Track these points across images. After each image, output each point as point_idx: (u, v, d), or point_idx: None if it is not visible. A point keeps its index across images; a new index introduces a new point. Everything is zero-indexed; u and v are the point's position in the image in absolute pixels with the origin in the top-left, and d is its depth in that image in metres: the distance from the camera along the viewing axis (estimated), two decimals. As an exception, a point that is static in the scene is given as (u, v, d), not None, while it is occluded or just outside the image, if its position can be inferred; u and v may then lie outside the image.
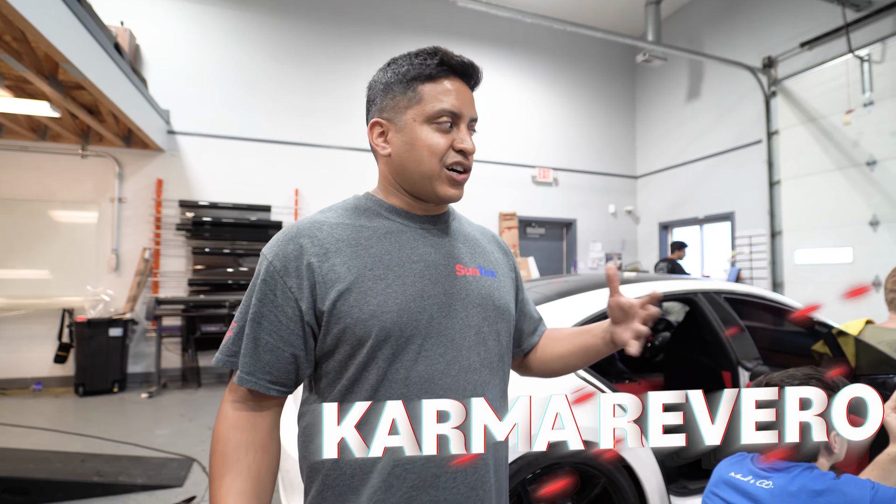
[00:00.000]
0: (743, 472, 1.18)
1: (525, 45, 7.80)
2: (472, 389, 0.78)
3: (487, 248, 0.93)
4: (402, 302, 0.76)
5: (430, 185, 0.81)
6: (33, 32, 3.04)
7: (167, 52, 5.98)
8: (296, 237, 0.78)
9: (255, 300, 0.76)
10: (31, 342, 5.34)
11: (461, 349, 0.79)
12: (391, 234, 0.81)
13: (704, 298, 2.37)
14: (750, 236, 6.38)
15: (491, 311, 0.84)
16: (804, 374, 1.20)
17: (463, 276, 0.83)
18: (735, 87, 6.66)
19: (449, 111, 0.78)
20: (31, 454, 3.09)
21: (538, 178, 7.71)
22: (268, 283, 0.76)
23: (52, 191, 5.50)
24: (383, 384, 0.74)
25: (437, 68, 0.79)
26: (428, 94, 0.79)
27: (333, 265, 0.76)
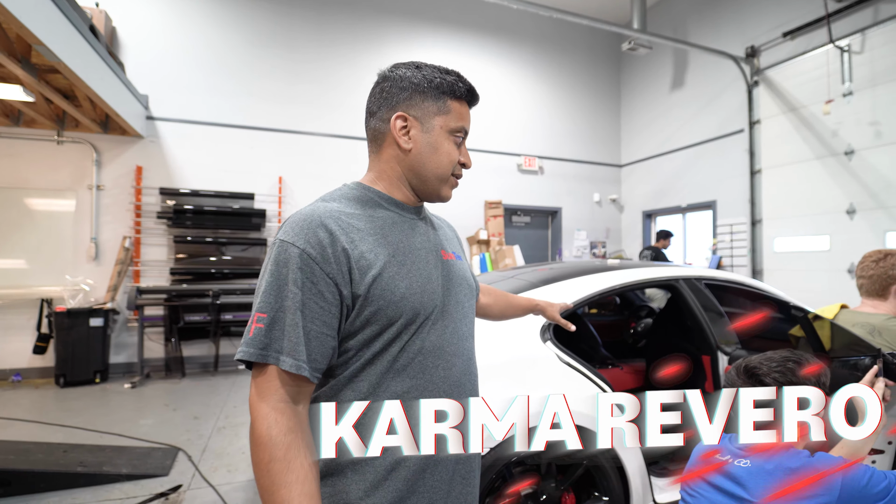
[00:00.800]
0: (721, 453, 1.21)
1: (510, 32, 7.75)
2: (465, 354, 0.93)
3: (449, 235, 1.08)
4: (422, 284, 0.87)
5: (438, 185, 0.93)
6: (4, 13, 2.92)
7: (145, 36, 5.80)
8: (323, 224, 0.80)
9: (293, 288, 0.76)
10: (9, 333, 5.22)
11: (458, 321, 0.93)
12: (397, 224, 0.90)
13: (686, 285, 2.41)
14: (731, 224, 6.50)
15: (468, 289, 1.00)
16: (782, 356, 1.23)
17: (448, 261, 0.96)
18: (718, 77, 6.73)
19: (465, 130, 0.94)
20: (12, 445, 3.05)
21: (524, 166, 7.72)
22: (305, 271, 0.77)
23: (26, 178, 5.34)
24: (402, 355, 0.83)
25: (464, 91, 0.94)
26: (455, 110, 0.92)
27: (363, 252, 0.81)
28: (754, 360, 1.25)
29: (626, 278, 2.31)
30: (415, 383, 0.84)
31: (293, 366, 0.74)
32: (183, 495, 2.64)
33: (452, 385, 0.88)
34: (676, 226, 7.66)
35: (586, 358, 2.88)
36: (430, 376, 0.86)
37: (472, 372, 0.96)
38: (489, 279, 2.60)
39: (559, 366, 1.88)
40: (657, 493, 1.98)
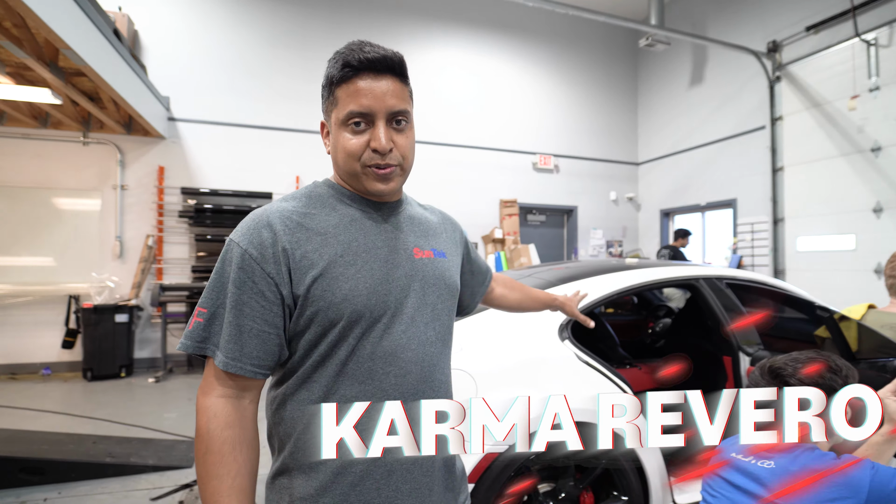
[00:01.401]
0: (744, 453, 1.20)
1: (525, 30, 7.71)
2: (429, 361, 0.86)
3: (439, 230, 0.99)
4: (371, 286, 0.81)
5: (357, 182, 0.85)
6: (34, 18, 3.03)
7: (166, 38, 5.93)
8: (269, 224, 0.80)
9: (232, 287, 0.78)
10: (39, 328, 5.40)
11: (420, 325, 0.85)
12: (356, 222, 0.85)
13: (706, 284, 2.39)
14: (752, 223, 6.38)
15: (443, 289, 0.91)
16: (807, 356, 1.21)
17: (420, 259, 0.89)
18: (739, 73, 6.60)
19: (357, 112, 0.80)
20: (45, 436, 3.16)
21: (539, 164, 7.69)
22: (245, 270, 0.77)
23: (54, 178, 5.50)
24: (351, 359, 0.80)
25: (343, 71, 0.80)
26: (341, 97, 0.81)
27: (306, 252, 0.79)
28: (779, 361, 1.24)
29: (644, 277, 2.30)
30: (363, 389, 0.79)
31: (223, 363, 0.76)
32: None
33: (406, 393, 0.81)
34: (695, 224, 7.55)
35: (604, 358, 2.87)
36: (380, 383, 0.80)
37: (436, 379, 0.87)
38: (507, 278, 2.61)
39: (578, 365, 1.88)
40: (677, 494, 1.97)
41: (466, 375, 1.67)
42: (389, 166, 0.82)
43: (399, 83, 0.83)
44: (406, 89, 0.85)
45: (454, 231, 1.05)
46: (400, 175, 0.85)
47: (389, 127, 0.82)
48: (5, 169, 5.34)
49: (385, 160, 0.82)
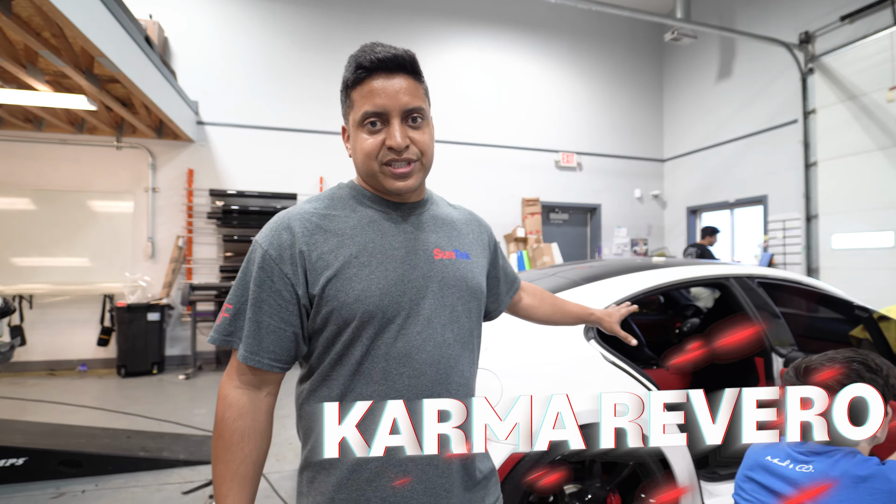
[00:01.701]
0: (780, 457, 1.15)
1: (547, 27, 7.64)
2: (445, 362, 0.85)
3: (464, 230, 0.98)
4: (385, 287, 0.82)
5: (377, 182, 0.86)
6: (71, 28, 3.15)
7: (194, 45, 6.09)
8: (288, 227, 0.83)
9: (253, 286, 0.82)
10: (76, 326, 5.62)
11: (436, 327, 0.85)
12: (374, 223, 0.87)
13: (737, 283, 2.33)
14: (783, 220, 6.19)
15: (464, 291, 0.90)
16: (845, 356, 1.15)
17: (440, 260, 0.88)
18: (769, 65, 6.40)
19: (371, 112, 0.81)
20: (83, 430, 3.29)
21: (561, 162, 7.61)
22: (265, 269, 0.81)
23: (89, 182, 5.72)
24: (367, 358, 0.82)
25: (356, 73, 0.82)
26: (356, 99, 0.83)
27: (322, 253, 0.82)
28: (815, 360, 1.19)
29: (672, 276, 2.25)
30: (378, 389, 0.81)
31: (243, 356, 0.81)
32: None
33: (420, 395, 0.81)
34: (724, 222, 7.35)
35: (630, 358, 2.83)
36: (393, 383, 0.81)
37: (453, 382, 0.86)
38: (527, 277, 2.60)
39: (604, 365, 1.85)
40: (707, 498, 1.93)
41: (490, 374, 1.66)
42: (408, 163, 0.84)
43: (412, 81, 0.83)
44: (420, 87, 0.85)
45: (481, 233, 1.03)
46: (419, 171, 0.86)
47: (405, 124, 0.83)
48: (44, 173, 5.58)
49: (402, 156, 0.83)
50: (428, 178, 0.91)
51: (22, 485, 2.68)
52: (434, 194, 1.01)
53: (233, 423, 0.80)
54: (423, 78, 0.87)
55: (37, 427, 3.22)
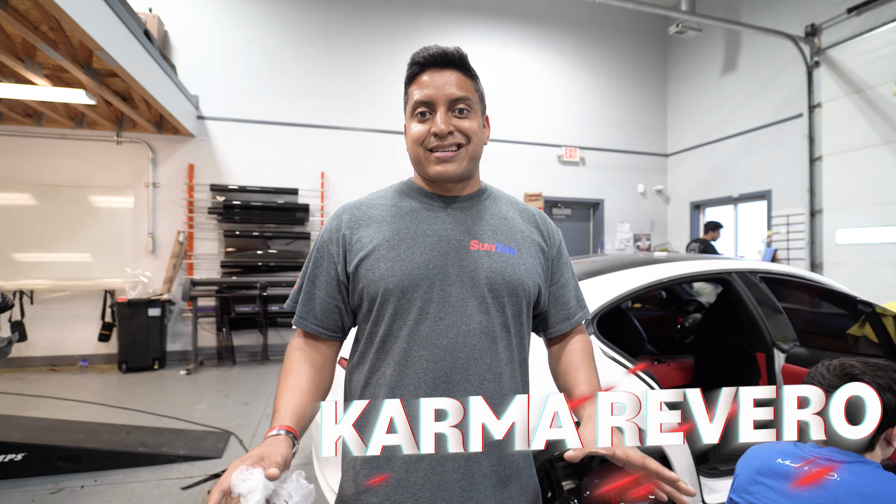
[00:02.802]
0: (792, 459, 1.09)
1: (550, 20, 7.57)
2: (468, 352, 0.87)
3: (517, 227, 0.98)
4: (407, 269, 0.87)
5: (422, 168, 0.93)
6: (68, 21, 3.12)
7: (195, 38, 6.05)
8: (340, 214, 0.96)
9: (311, 264, 0.96)
10: (77, 321, 5.62)
11: (462, 315, 0.87)
12: (414, 212, 0.94)
13: (739, 278, 2.30)
14: (787, 215, 6.13)
15: (499, 284, 0.90)
16: (883, 363, 1.11)
17: (476, 251, 0.91)
18: (774, 59, 6.33)
19: (421, 101, 0.89)
20: (82, 425, 3.29)
21: (564, 157, 7.56)
22: (319, 250, 0.95)
23: (90, 177, 5.70)
24: (389, 337, 0.88)
25: (412, 68, 0.92)
26: (411, 93, 0.92)
27: (360, 237, 0.92)
28: (851, 361, 1.13)
29: (674, 271, 2.22)
30: (398, 369, 0.86)
31: (296, 320, 0.94)
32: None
33: (438, 380, 0.84)
34: (727, 217, 7.30)
35: (631, 354, 2.80)
36: (413, 365, 0.85)
37: (474, 373, 0.85)
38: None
39: (603, 360, 1.83)
40: (707, 494, 1.91)
41: (489, 370, 1.64)
42: (454, 148, 0.89)
43: (461, 75, 0.91)
44: (470, 82, 0.92)
45: (541, 235, 1.01)
46: (464, 158, 0.90)
47: (451, 114, 0.89)
48: (44, 168, 5.57)
49: (445, 142, 0.88)
50: (475, 164, 0.95)
51: (21, 480, 2.68)
52: (496, 191, 1.05)
53: (292, 354, 0.91)
54: (474, 75, 0.94)
55: (36, 422, 3.22)
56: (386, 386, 0.86)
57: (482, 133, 0.94)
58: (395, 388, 0.86)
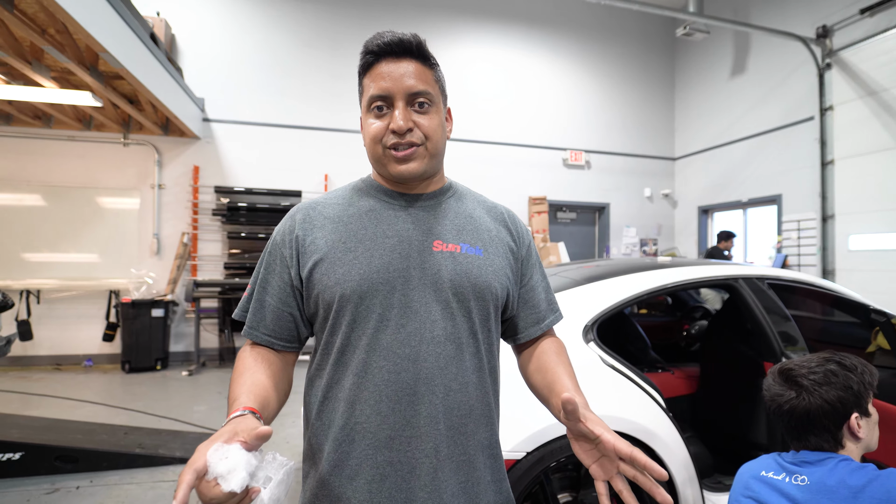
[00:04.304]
0: (775, 470, 1.11)
1: (555, 22, 7.53)
2: (433, 360, 0.81)
3: (484, 226, 0.92)
4: (365, 273, 0.81)
5: (382, 167, 0.86)
6: (73, 24, 3.14)
7: (201, 42, 6.09)
8: (293, 215, 0.90)
9: (262, 269, 0.89)
10: (82, 321, 5.65)
11: (425, 322, 0.81)
12: (373, 212, 0.87)
13: (746, 285, 2.23)
14: (798, 221, 6.02)
15: (465, 287, 0.84)
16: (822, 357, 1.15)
17: (440, 252, 0.85)
18: (785, 61, 6.23)
19: (377, 96, 0.81)
20: (81, 426, 3.28)
21: (569, 160, 7.49)
22: (272, 253, 0.88)
23: (97, 178, 5.75)
24: (348, 347, 0.82)
25: (366, 58, 0.83)
26: (366, 84, 0.84)
27: (314, 239, 0.85)
28: (792, 362, 1.17)
29: (678, 277, 2.16)
30: (358, 381, 0.79)
31: (245, 331, 0.87)
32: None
33: (400, 392, 0.78)
34: (737, 222, 7.19)
35: (634, 361, 2.74)
36: (373, 377, 0.79)
37: (438, 383, 0.79)
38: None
39: (603, 369, 1.78)
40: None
41: (483, 377, 1.60)
42: (411, 146, 0.82)
43: (420, 65, 0.83)
44: (429, 72, 0.84)
45: (510, 234, 0.95)
46: (424, 156, 0.83)
47: (410, 108, 0.82)
48: (52, 170, 5.62)
49: (404, 140, 0.81)
50: (436, 162, 0.89)
51: (17, 479, 2.67)
52: (462, 188, 0.98)
53: (243, 355, 0.84)
54: (433, 63, 0.86)
55: (34, 422, 3.22)
56: (345, 400, 0.80)
57: (444, 128, 0.86)
58: (354, 402, 0.79)
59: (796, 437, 1.12)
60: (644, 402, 1.76)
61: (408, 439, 0.78)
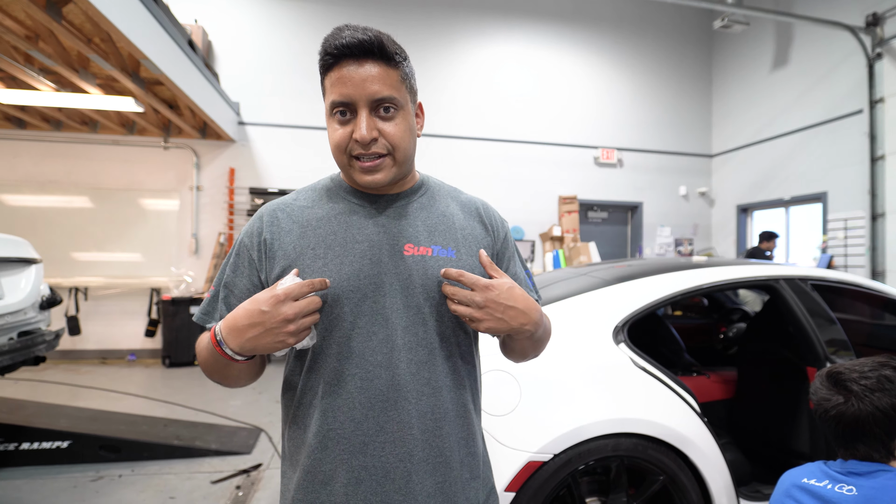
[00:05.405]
0: (818, 477, 1.05)
1: (586, 18, 7.39)
2: (405, 367, 0.80)
3: (458, 224, 0.88)
4: (335, 281, 0.79)
5: (348, 175, 0.83)
6: (116, 32, 3.29)
7: (236, 47, 6.28)
8: (261, 216, 0.86)
9: (228, 270, 0.85)
10: (126, 317, 5.92)
11: (396, 328, 0.80)
12: (342, 215, 0.84)
13: (787, 286, 2.13)
14: (845, 219, 5.71)
15: (436, 291, 0.82)
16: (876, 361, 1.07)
17: (411, 256, 0.83)
18: (831, 51, 5.93)
19: (339, 102, 0.77)
20: (124, 417, 3.44)
21: (601, 158, 7.34)
22: (239, 255, 0.85)
23: (139, 180, 6.01)
24: (320, 356, 0.80)
25: (324, 59, 0.78)
26: (328, 87, 0.79)
27: (283, 243, 0.82)
28: (841, 366, 1.09)
29: (715, 277, 2.08)
30: (330, 390, 0.79)
31: (214, 332, 0.81)
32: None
33: (373, 399, 0.78)
34: (778, 221, 6.88)
35: (667, 364, 2.66)
36: (345, 385, 0.78)
37: (412, 389, 0.79)
38: (559, 276, 2.48)
39: (633, 371, 1.73)
40: (748, 518, 1.77)
41: (509, 377, 1.58)
42: (376, 157, 0.78)
43: (383, 67, 0.77)
44: (393, 73, 0.78)
45: (484, 228, 0.91)
46: (391, 166, 0.79)
47: (374, 115, 0.77)
48: (98, 173, 5.90)
49: (369, 150, 0.77)
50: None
51: (65, 466, 2.83)
52: (434, 184, 0.93)
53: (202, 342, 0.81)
54: (399, 63, 0.79)
55: (81, 412, 3.39)
56: (318, 407, 0.79)
57: (412, 131, 0.82)
58: (326, 410, 0.79)
59: (843, 444, 1.06)
60: (677, 406, 1.70)
61: (381, 444, 0.78)
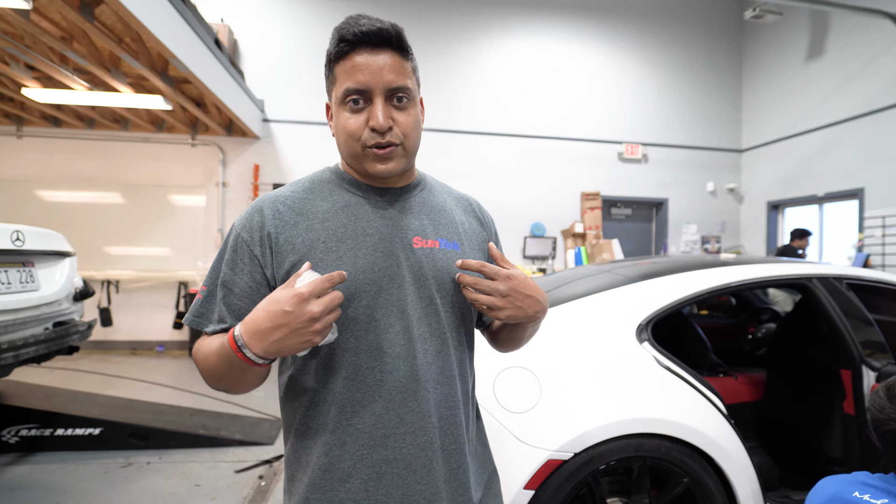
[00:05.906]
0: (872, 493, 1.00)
1: (611, 11, 7.24)
2: (422, 357, 0.80)
3: (458, 220, 0.91)
4: (351, 274, 0.77)
5: (359, 164, 0.81)
6: (146, 32, 3.38)
7: (261, 46, 6.38)
8: (260, 209, 0.81)
9: (224, 268, 0.80)
10: (155, 310, 6.10)
11: (411, 320, 0.80)
12: (349, 208, 0.83)
13: (821, 285, 2.05)
14: (883, 217, 5.48)
15: (447, 283, 0.84)
16: None
17: (420, 249, 0.83)
18: (869, 41, 5.67)
19: (354, 89, 0.76)
20: (152, 406, 3.54)
21: (625, 154, 7.20)
22: (237, 251, 0.80)
23: (168, 177, 6.17)
24: (335, 351, 0.78)
25: (339, 46, 0.78)
26: (339, 75, 0.78)
27: (290, 237, 0.79)
28: None
29: (743, 275, 2.02)
30: (349, 385, 0.78)
31: (214, 332, 0.79)
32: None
33: (393, 391, 0.78)
34: (812, 218, 6.65)
35: (693, 364, 2.60)
36: (364, 378, 0.78)
37: (429, 378, 0.81)
38: (581, 272, 2.44)
39: (657, 371, 1.69)
40: (777, 524, 1.71)
41: (529, 374, 1.56)
42: (390, 145, 0.78)
43: (398, 57, 0.78)
44: (407, 64, 0.80)
45: (480, 224, 0.95)
46: (402, 155, 0.80)
47: (389, 104, 0.77)
48: (129, 170, 6.09)
49: (384, 139, 0.77)
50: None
51: (97, 452, 2.93)
52: (430, 180, 0.95)
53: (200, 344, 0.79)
54: (410, 55, 0.81)
55: (113, 401, 3.51)
56: (335, 404, 0.78)
57: (420, 124, 0.83)
58: (345, 406, 0.78)
59: None
60: (703, 407, 1.66)
61: (402, 436, 0.78)
